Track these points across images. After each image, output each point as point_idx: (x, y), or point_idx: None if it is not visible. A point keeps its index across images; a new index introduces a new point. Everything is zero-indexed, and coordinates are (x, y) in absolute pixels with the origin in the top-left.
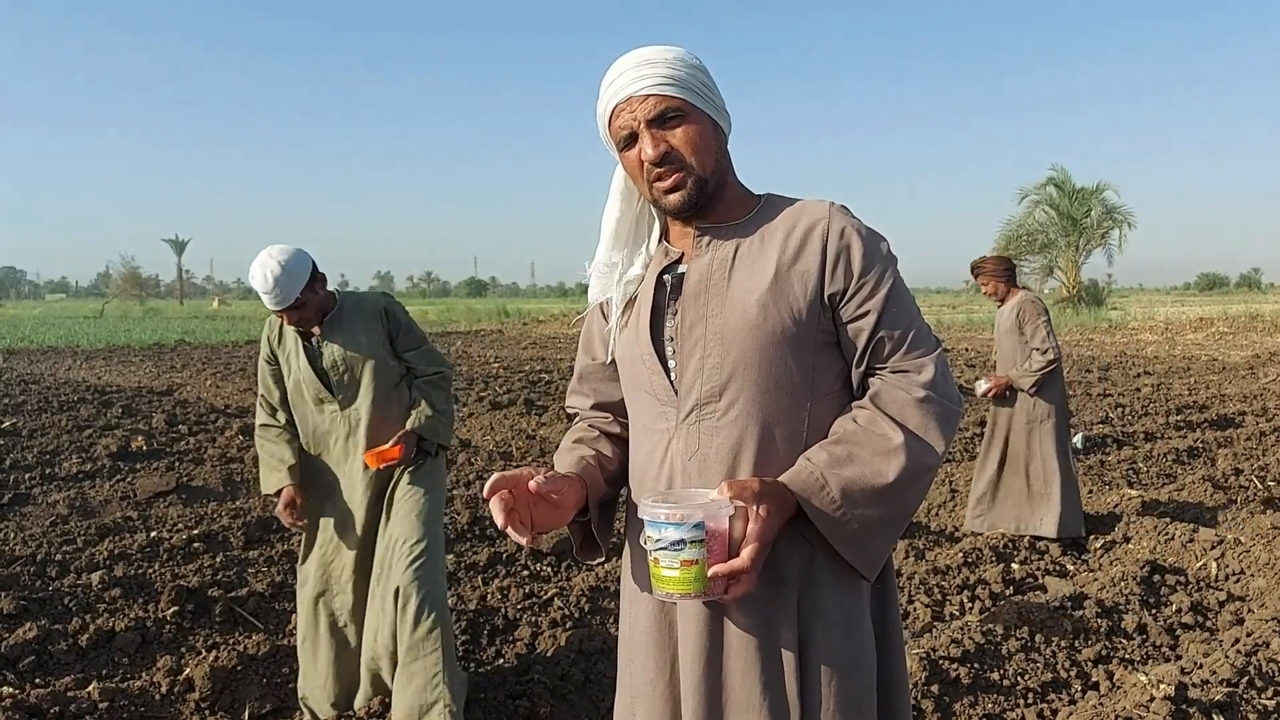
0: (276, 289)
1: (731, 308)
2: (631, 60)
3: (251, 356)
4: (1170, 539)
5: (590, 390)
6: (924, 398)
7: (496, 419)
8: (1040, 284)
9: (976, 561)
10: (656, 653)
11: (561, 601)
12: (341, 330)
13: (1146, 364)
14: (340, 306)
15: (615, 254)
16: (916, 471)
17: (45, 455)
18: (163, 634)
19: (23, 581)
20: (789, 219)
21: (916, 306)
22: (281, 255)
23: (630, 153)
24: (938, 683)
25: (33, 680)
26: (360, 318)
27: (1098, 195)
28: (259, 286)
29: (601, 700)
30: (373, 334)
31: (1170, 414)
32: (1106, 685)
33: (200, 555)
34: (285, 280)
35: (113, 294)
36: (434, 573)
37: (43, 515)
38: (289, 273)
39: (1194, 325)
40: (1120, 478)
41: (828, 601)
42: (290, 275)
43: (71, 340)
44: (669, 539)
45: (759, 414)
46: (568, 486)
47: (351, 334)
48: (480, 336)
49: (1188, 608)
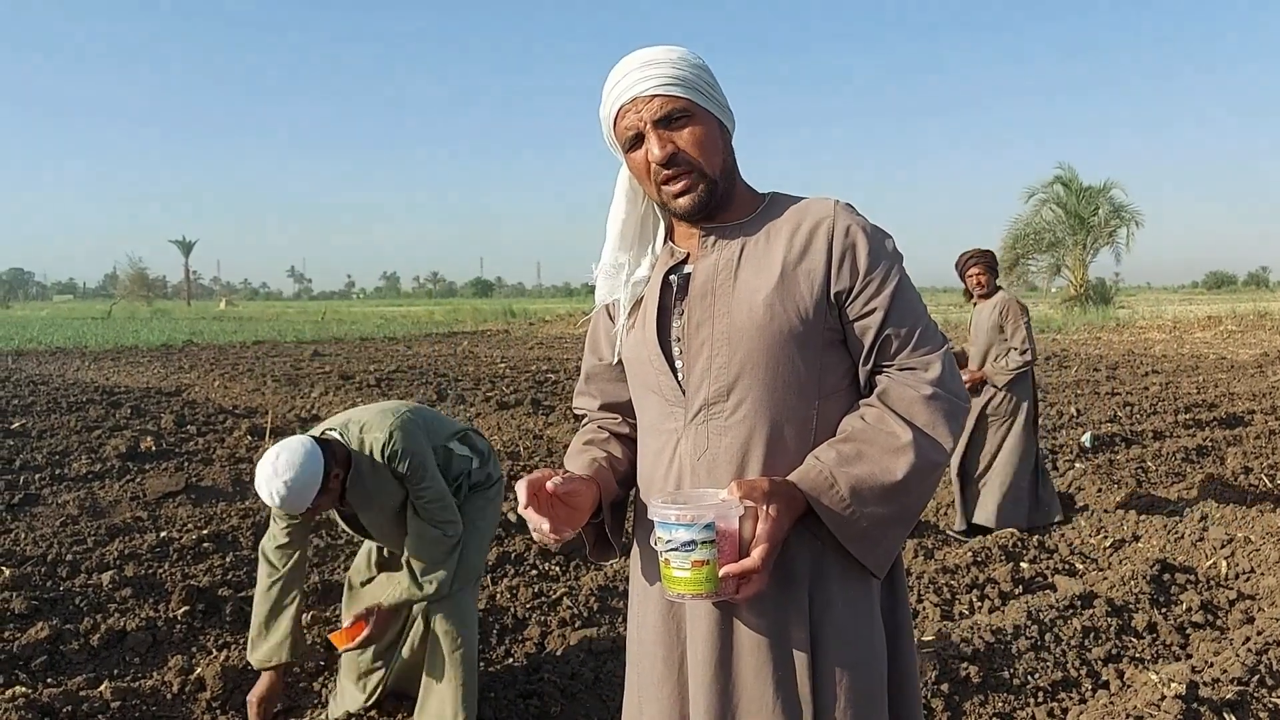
0: (283, 506)
1: (738, 307)
2: (635, 61)
3: (259, 357)
4: (1180, 538)
5: (598, 391)
6: (932, 395)
7: (503, 419)
8: (1047, 283)
9: (985, 560)
10: (665, 653)
11: (570, 601)
12: (362, 499)
13: (1155, 362)
14: (358, 472)
15: (622, 255)
16: (925, 469)
17: (55, 456)
18: (174, 634)
19: (34, 581)
20: (794, 217)
21: (923, 304)
22: (287, 473)
23: (636, 154)
24: (948, 681)
25: (45, 680)
26: (377, 478)
27: (1105, 194)
28: (263, 499)
29: (611, 699)
30: (393, 494)
31: (1179, 412)
32: (1117, 684)
33: (210, 555)
34: (292, 499)
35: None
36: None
37: (53, 516)
38: (295, 492)
39: (1202, 324)
40: (1129, 476)
41: (838, 600)
42: (296, 494)
43: (79, 341)
44: (680, 540)
45: (767, 413)
46: (584, 488)
47: (374, 502)
48: (486, 336)
49: (1198, 606)
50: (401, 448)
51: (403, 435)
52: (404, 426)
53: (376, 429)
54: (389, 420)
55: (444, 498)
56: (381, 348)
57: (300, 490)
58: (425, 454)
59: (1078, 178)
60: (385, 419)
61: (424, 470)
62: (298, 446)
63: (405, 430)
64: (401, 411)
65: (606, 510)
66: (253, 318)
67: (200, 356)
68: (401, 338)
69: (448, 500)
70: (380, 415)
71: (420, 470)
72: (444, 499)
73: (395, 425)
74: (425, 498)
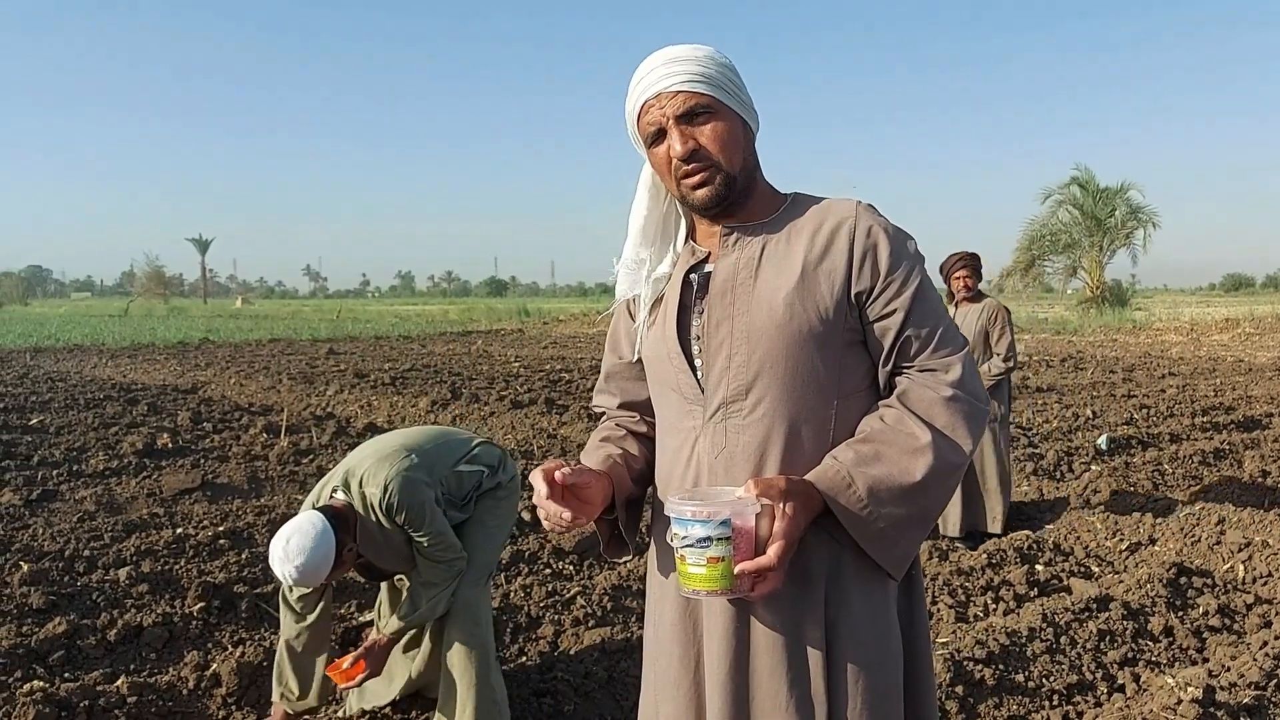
0: (299, 585)
1: (758, 306)
2: (661, 58)
3: (275, 355)
4: (1197, 541)
5: (617, 389)
6: (952, 396)
7: (517, 418)
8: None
9: (1000, 563)
10: (681, 651)
11: (584, 600)
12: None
13: (1171, 365)
14: (364, 530)
15: (643, 250)
16: (944, 470)
17: (72, 452)
18: (190, 629)
19: (52, 577)
20: (816, 217)
21: (943, 305)
22: (299, 557)
23: (658, 149)
24: (962, 684)
25: (62, 674)
26: (381, 529)
27: (1122, 195)
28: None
29: (625, 698)
30: (396, 535)
31: (1196, 415)
32: (1132, 688)
33: (226, 552)
34: (305, 580)
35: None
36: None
37: (70, 511)
38: (308, 574)
39: (1220, 326)
40: (1145, 479)
41: (854, 600)
42: (309, 575)
43: (97, 338)
44: (695, 536)
45: (786, 412)
46: (595, 481)
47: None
48: (501, 336)
49: (1215, 610)
50: (398, 500)
51: (399, 486)
52: (401, 476)
53: (372, 482)
54: (384, 471)
55: (444, 537)
56: (396, 346)
57: (313, 571)
58: (423, 500)
59: (1094, 179)
60: (382, 470)
61: (422, 517)
62: (308, 529)
63: (402, 481)
64: (400, 457)
65: (620, 506)
66: (268, 316)
67: (216, 354)
68: (416, 336)
69: (449, 539)
70: (378, 464)
71: (419, 518)
72: (444, 538)
73: (391, 477)
74: (426, 542)
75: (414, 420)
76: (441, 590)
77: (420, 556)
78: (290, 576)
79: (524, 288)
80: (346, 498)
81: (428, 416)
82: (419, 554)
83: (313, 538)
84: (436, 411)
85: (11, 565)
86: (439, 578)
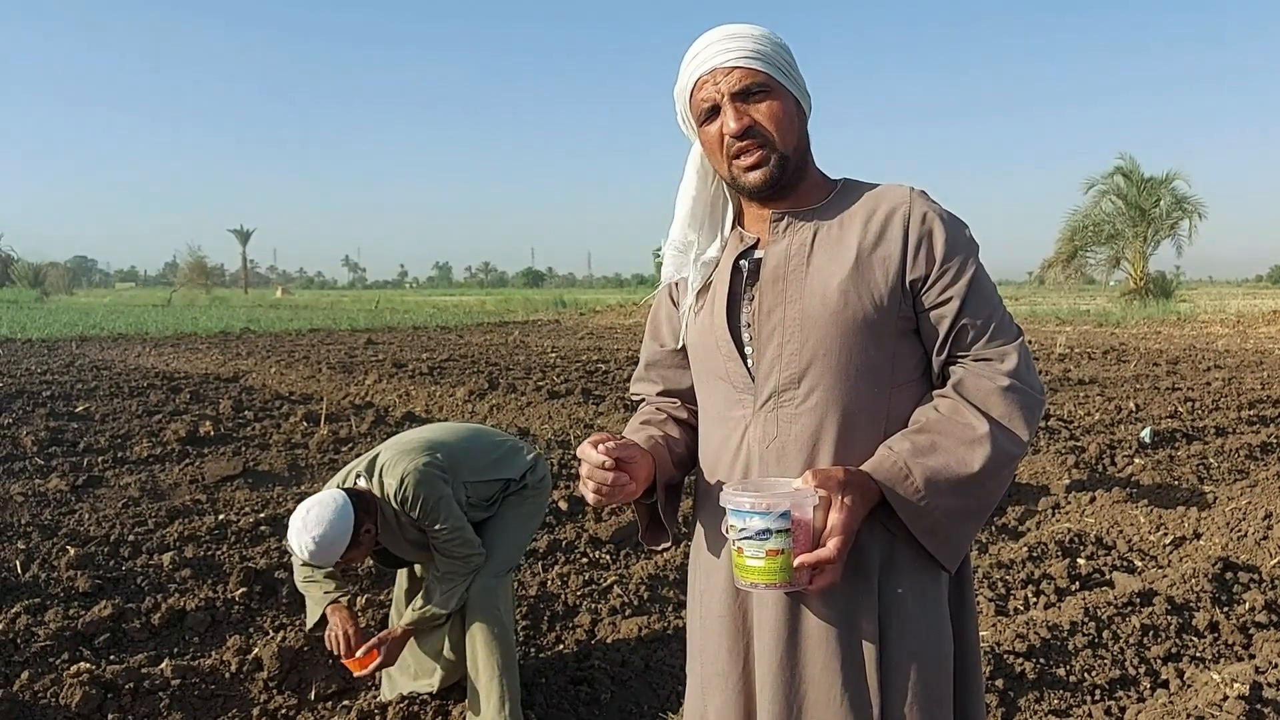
0: (313, 560)
1: (811, 293)
2: (717, 35)
3: (315, 345)
4: (1243, 536)
5: (658, 377)
6: (1009, 386)
7: (554, 408)
8: (1106, 276)
9: (1041, 556)
10: (730, 643)
11: (621, 589)
12: (390, 536)
13: (1217, 357)
14: (384, 516)
15: (691, 233)
16: (1001, 461)
17: (117, 439)
18: (232, 614)
19: (98, 561)
20: (869, 204)
21: (998, 295)
22: (317, 529)
23: (711, 127)
24: (1002, 677)
25: (108, 656)
26: (398, 519)
27: (1167, 185)
28: (293, 551)
29: (661, 687)
30: (417, 536)
31: (1242, 409)
32: (1177, 684)
33: (267, 538)
34: (320, 554)
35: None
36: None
37: (115, 497)
38: (324, 548)
39: (1267, 318)
40: (1190, 473)
41: (908, 592)
42: (325, 549)
43: (140, 328)
44: (754, 528)
45: (839, 401)
46: (640, 456)
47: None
48: (537, 326)
49: (1261, 606)
50: (412, 494)
51: (415, 480)
52: (418, 470)
53: (390, 473)
54: (404, 464)
55: (460, 532)
56: (434, 336)
57: (329, 546)
58: (438, 495)
59: (1139, 168)
60: (402, 462)
61: (436, 512)
62: (330, 503)
63: (418, 475)
64: (422, 451)
65: (660, 490)
66: (308, 306)
67: (257, 344)
68: (453, 327)
69: (465, 534)
70: (400, 456)
71: (433, 513)
72: (460, 533)
73: (409, 470)
74: (441, 536)
75: (451, 409)
76: (457, 584)
77: (436, 550)
78: (306, 548)
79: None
80: (368, 485)
81: (465, 406)
82: (435, 548)
83: (334, 510)
84: (474, 401)
85: (59, 549)
86: (455, 572)
